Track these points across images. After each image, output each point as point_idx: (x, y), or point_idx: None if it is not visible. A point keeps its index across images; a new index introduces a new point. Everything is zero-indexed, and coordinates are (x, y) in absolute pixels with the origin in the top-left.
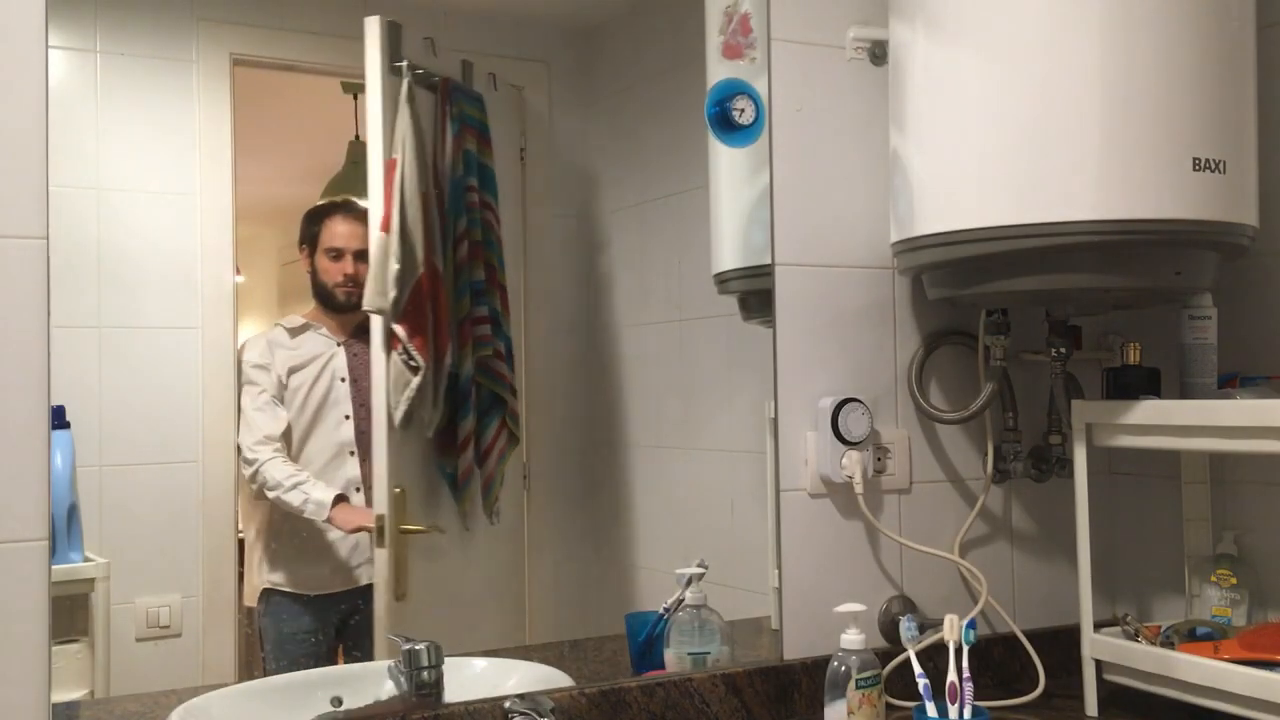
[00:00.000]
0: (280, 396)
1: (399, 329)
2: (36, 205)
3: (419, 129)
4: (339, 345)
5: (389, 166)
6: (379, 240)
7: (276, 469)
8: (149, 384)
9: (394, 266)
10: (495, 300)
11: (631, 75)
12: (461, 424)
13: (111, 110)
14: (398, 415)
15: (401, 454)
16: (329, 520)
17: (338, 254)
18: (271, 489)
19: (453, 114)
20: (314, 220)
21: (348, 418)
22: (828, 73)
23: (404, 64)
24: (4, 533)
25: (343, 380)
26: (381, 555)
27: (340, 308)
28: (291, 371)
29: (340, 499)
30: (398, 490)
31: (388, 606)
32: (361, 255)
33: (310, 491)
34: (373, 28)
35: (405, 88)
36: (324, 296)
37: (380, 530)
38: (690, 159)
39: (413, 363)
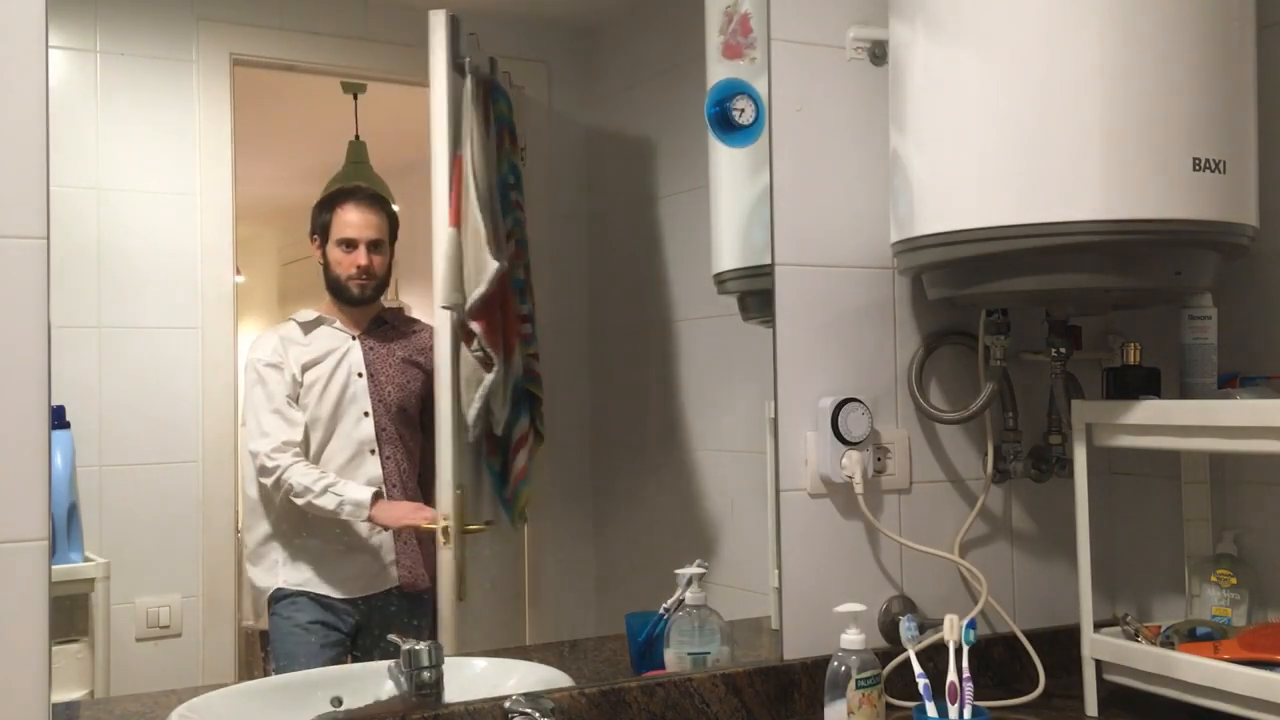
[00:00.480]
0: (295, 396)
1: (476, 325)
2: (36, 205)
3: (483, 126)
4: (354, 339)
5: (456, 162)
6: (448, 235)
7: (301, 474)
8: (149, 384)
9: (492, 264)
10: (531, 299)
11: (631, 75)
12: (517, 422)
13: (111, 110)
14: (471, 413)
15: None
16: (370, 519)
17: (350, 244)
18: (300, 495)
19: (494, 113)
20: (324, 209)
21: (367, 414)
22: (828, 73)
23: (466, 61)
24: (4, 533)
25: (360, 375)
26: (446, 556)
27: (354, 300)
28: (306, 368)
29: (378, 496)
30: (459, 490)
31: (453, 607)
32: (376, 245)
33: (344, 492)
34: (438, 22)
35: (471, 84)
36: (337, 289)
37: (445, 530)
38: (690, 159)
39: (489, 359)
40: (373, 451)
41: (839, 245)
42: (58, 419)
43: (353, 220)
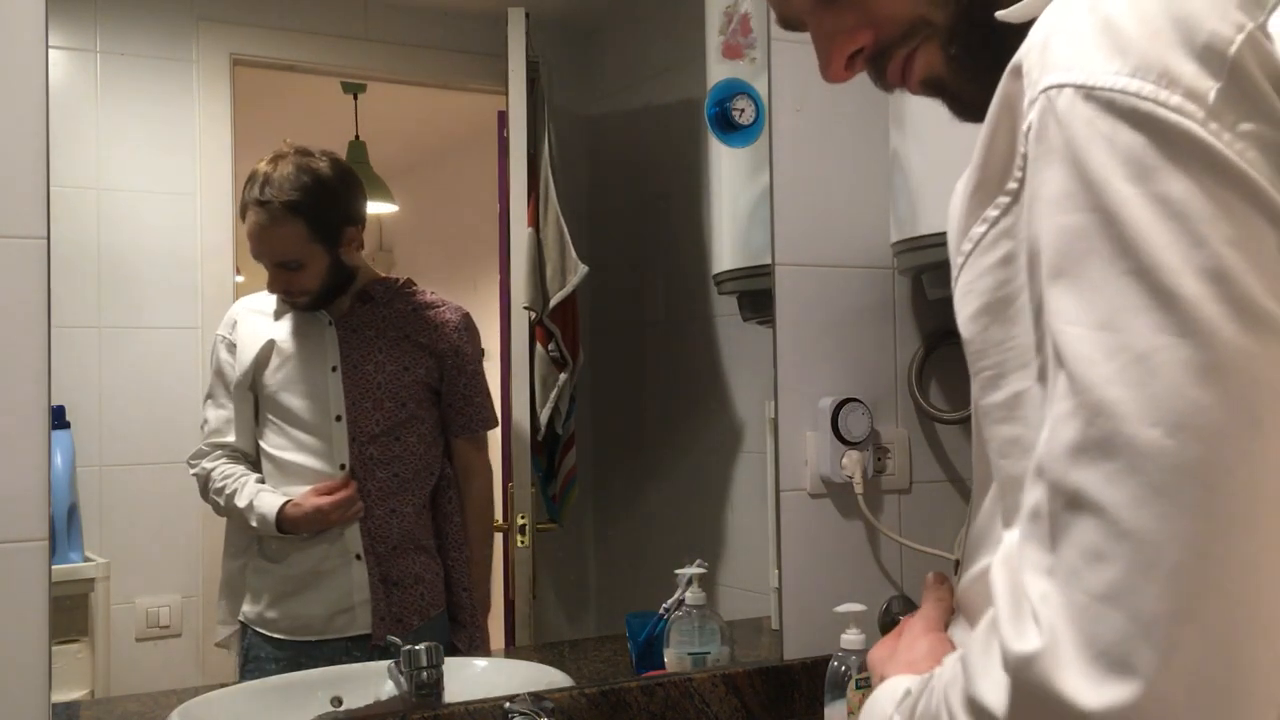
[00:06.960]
0: (248, 383)
1: (556, 326)
2: (36, 205)
3: (554, 126)
4: (330, 324)
5: (532, 159)
6: (527, 236)
7: (219, 475)
8: (149, 384)
9: (582, 267)
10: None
11: (631, 75)
12: (567, 422)
13: (111, 110)
14: (545, 414)
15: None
16: (287, 530)
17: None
18: (218, 503)
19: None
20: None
21: (340, 419)
22: None
23: (539, 60)
24: (4, 533)
25: (334, 369)
26: (525, 555)
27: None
28: (268, 354)
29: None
30: (534, 489)
31: (531, 606)
32: (288, 266)
33: (256, 499)
34: (517, 19)
35: (546, 83)
36: None
37: (523, 528)
38: (690, 159)
39: (564, 360)
40: (343, 467)
41: (839, 245)
42: (58, 419)
43: (252, 237)
